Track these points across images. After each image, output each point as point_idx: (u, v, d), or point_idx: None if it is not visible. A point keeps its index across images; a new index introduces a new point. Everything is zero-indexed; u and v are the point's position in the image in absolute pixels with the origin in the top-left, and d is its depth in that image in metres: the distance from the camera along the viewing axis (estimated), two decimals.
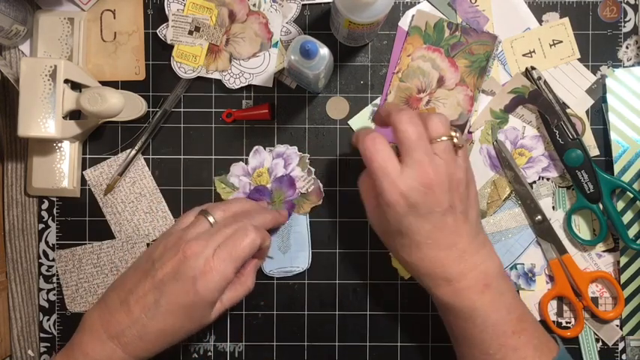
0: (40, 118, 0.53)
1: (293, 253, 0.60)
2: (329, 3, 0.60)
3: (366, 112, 0.60)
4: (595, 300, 0.60)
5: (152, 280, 0.48)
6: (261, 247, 0.51)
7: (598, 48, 0.60)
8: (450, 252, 0.48)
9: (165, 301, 0.47)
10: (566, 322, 0.61)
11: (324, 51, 0.48)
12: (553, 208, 0.60)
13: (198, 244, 0.48)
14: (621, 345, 0.60)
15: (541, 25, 0.60)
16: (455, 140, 0.49)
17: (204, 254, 0.47)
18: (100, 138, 0.61)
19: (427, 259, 0.48)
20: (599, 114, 0.60)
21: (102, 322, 0.49)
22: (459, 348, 0.52)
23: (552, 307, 0.61)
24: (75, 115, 0.59)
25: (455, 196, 0.48)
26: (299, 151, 0.61)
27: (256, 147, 0.61)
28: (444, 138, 0.48)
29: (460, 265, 0.48)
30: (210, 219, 0.52)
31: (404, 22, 0.60)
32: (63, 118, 0.54)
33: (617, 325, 0.60)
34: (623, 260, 0.60)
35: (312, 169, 0.60)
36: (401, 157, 0.47)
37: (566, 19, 0.60)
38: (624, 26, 0.60)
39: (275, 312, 0.61)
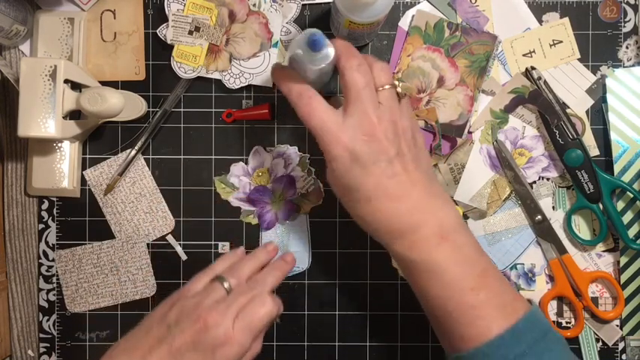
0: (40, 118, 0.53)
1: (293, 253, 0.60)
2: (329, 3, 0.60)
3: None
4: (595, 300, 0.60)
5: (169, 348, 0.45)
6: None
7: (598, 48, 0.60)
8: (402, 203, 0.45)
9: None
10: (566, 322, 0.61)
11: (331, 49, 0.47)
12: (553, 208, 0.60)
13: (218, 313, 0.46)
14: (621, 345, 0.60)
15: (541, 25, 0.60)
16: (398, 89, 0.48)
17: (224, 325, 0.46)
18: (100, 138, 0.61)
19: (379, 212, 0.46)
20: (599, 114, 0.60)
21: None
22: (426, 310, 0.49)
23: (552, 307, 0.61)
24: (75, 115, 0.59)
25: (402, 142, 0.46)
26: (299, 151, 0.61)
27: (256, 147, 0.60)
28: (387, 86, 0.46)
29: (413, 216, 0.46)
30: (226, 285, 0.50)
31: (404, 22, 0.60)
32: (63, 118, 0.54)
33: (617, 325, 0.60)
34: (623, 260, 0.60)
35: (313, 169, 0.60)
36: (345, 104, 0.46)
37: (566, 19, 0.60)
38: (624, 26, 0.60)
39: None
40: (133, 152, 0.60)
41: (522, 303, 0.47)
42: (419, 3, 0.60)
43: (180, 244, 0.61)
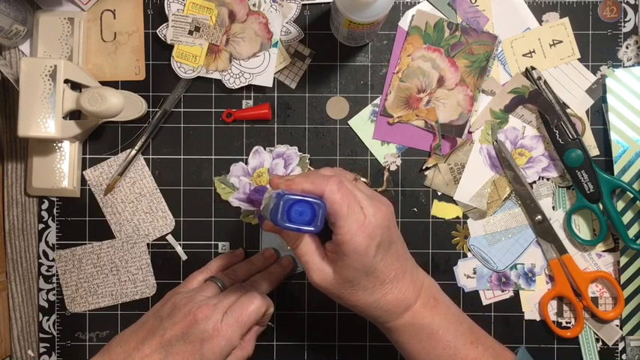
0: (40, 118, 0.53)
1: (293, 253, 0.60)
2: (329, 3, 0.60)
3: (366, 112, 0.60)
4: (595, 300, 0.60)
5: (160, 339, 0.48)
6: (265, 314, 0.52)
7: (598, 48, 0.60)
8: (404, 278, 0.48)
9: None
10: (566, 322, 0.61)
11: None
12: (553, 208, 0.60)
13: (208, 307, 0.49)
14: (621, 345, 0.60)
15: (541, 25, 0.60)
16: (363, 179, 0.57)
17: (213, 318, 0.48)
18: (100, 138, 0.61)
19: (390, 293, 0.47)
20: (599, 114, 0.60)
21: None
22: None
23: (552, 307, 0.61)
24: (75, 115, 0.59)
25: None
26: (299, 151, 0.61)
27: (256, 147, 0.60)
28: (363, 179, 0.55)
29: (414, 287, 0.48)
30: (220, 284, 0.54)
31: (404, 22, 0.60)
32: (63, 118, 0.54)
33: (617, 325, 0.60)
34: (623, 260, 0.60)
35: (313, 170, 0.60)
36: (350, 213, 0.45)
37: (566, 19, 0.60)
38: (624, 26, 0.60)
39: (275, 312, 0.61)
40: (133, 152, 0.60)
41: (508, 352, 0.51)
42: (419, 3, 0.60)
43: (180, 244, 0.61)
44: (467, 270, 0.61)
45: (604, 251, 0.60)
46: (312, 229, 0.43)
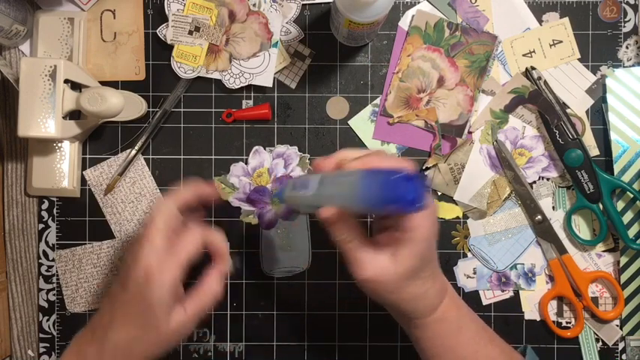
0: (40, 118, 0.53)
1: (293, 253, 0.60)
2: (329, 3, 0.60)
3: (366, 112, 0.60)
4: (595, 300, 0.60)
5: (108, 301, 0.49)
6: (212, 246, 0.49)
7: (598, 48, 0.60)
8: (440, 274, 0.48)
9: (119, 313, 0.47)
10: (566, 322, 0.61)
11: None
12: (553, 208, 0.60)
13: (134, 253, 0.47)
14: (621, 345, 0.60)
15: (541, 25, 0.60)
16: None
17: (143, 259, 0.46)
18: (100, 138, 0.61)
19: (437, 281, 0.47)
20: (599, 114, 0.60)
21: (77, 342, 0.49)
22: None
23: (552, 307, 0.61)
24: (75, 115, 0.59)
25: None
26: (298, 151, 0.61)
27: (256, 147, 0.60)
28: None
29: (444, 280, 0.49)
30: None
31: (404, 22, 0.60)
32: (63, 118, 0.54)
33: (617, 325, 0.60)
34: (623, 260, 0.60)
35: (312, 170, 0.60)
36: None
37: (566, 19, 0.60)
38: (624, 26, 0.60)
39: (275, 312, 0.61)
40: (133, 152, 0.60)
41: (516, 353, 0.51)
42: (419, 3, 0.60)
43: None
44: (467, 270, 0.61)
45: (604, 251, 0.60)
46: (421, 204, 0.37)
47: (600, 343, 0.60)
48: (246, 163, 0.61)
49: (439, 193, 0.61)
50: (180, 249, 0.47)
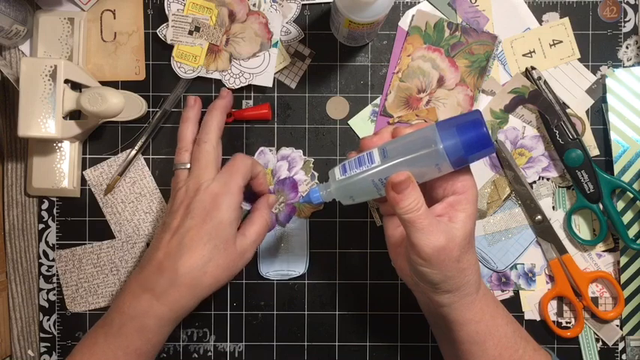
0: (40, 118, 0.53)
1: (291, 257, 0.60)
2: (329, 3, 0.60)
3: (366, 112, 0.60)
4: (595, 300, 0.60)
5: (170, 231, 0.51)
6: (256, 178, 0.55)
7: (598, 48, 0.60)
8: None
9: (188, 239, 0.49)
10: (566, 322, 0.61)
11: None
12: (553, 208, 0.60)
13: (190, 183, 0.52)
14: (621, 345, 0.60)
15: (541, 25, 0.60)
16: None
17: (203, 185, 0.51)
18: (100, 138, 0.61)
19: (475, 263, 0.47)
20: (599, 114, 0.60)
21: (137, 280, 0.50)
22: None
23: (552, 307, 0.61)
24: (75, 115, 0.59)
25: None
26: (303, 155, 0.60)
27: (262, 148, 0.60)
28: None
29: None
30: (182, 166, 0.55)
31: (404, 22, 0.60)
32: (63, 118, 0.54)
33: (617, 325, 0.60)
34: (623, 260, 0.60)
35: (316, 174, 0.60)
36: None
37: (566, 19, 0.60)
38: (624, 26, 0.60)
39: (275, 312, 0.61)
40: (133, 152, 0.60)
41: (545, 354, 0.50)
42: (419, 3, 0.60)
43: None
44: None
45: (604, 251, 0.60)
46: (493, 148, 0.40)
47: (600, 343, 0.60)
48: None
49: None
50: (235, 172, 0.52)
